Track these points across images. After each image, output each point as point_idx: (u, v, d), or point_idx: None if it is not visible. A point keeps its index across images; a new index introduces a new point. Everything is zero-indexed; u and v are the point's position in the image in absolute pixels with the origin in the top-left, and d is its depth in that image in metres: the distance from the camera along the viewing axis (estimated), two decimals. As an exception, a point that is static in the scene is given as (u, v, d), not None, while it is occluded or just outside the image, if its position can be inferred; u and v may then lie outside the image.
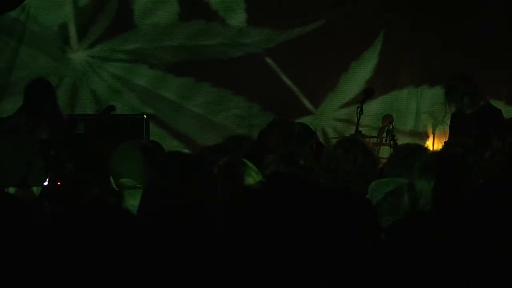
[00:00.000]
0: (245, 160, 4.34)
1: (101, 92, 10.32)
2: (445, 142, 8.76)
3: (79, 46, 10.33)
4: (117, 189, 4.17)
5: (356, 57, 10.26)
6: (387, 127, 9.15)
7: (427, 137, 10.22)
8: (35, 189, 3.90)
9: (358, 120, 8.26)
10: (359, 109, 8.27)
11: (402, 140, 8.76)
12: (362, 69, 10.27)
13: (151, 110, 10.15)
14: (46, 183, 6.45)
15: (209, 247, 2.69)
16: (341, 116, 10.22)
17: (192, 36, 10.32)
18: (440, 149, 5.79)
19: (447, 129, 9.93)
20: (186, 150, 4.47)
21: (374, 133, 9.60)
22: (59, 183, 6.81)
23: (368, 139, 8.67)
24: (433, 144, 9.75)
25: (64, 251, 1.97)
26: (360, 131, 8.42)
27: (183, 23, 10.31)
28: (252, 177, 4.13)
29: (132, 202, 4.04)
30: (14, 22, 10.23)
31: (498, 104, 10.14)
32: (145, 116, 9.46)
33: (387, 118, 9.45)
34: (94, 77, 10.38)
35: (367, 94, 8.54)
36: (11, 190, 3.81)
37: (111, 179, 4.19)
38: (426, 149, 5.31)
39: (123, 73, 10.35)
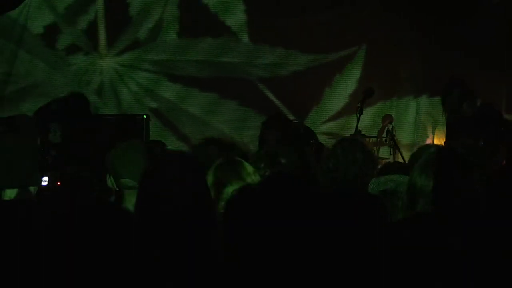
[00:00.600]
0: (241, 160, 4.35)
1: (125, 100, 10.32)
2: (445, 143, 8.76)
3: (107, 52, 10.34)
4: (118, 189, 4.18)
5: (340, 71, 10.28)
6: (387, 127, 9.15)
7: (426, 137, 10.22)
8: (31, 188, 3.90)
9: (358, 120, 8.26)
10: (359, 109, 8.28)
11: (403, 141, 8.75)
12: (345, 82, 10.29)
13: (173, 121, 10.20)
14: (46, 183, 6.46)
15: (208, 247, 2.69)
16: (326, 130, 10.16)
17: (220, 53, 10.31)
18: (442, 147, 5.78)
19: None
20: (184, 149, 4.47)
21: (374, 133, 9.60)
22: (59, 183, 6.81)
23: (368, 139, 8.67)
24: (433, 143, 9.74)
25: (63, 251, 1.97)
26: (360, 131, 8.43)
27: (212, 38, 10.28)
28: (249, 177, 4.14)
29: (133, 202, 4.05)
30: (13, 23, 10.21)
31: (498, 105, 10.19)
32: (144, 116, 9.45)
33: (387, 118, 9.44)
34: (120, 85, 10.38)
35: (367, 94, 8.54)
36: (12, 192, 3.80)
37: (112, 179, 4.19)
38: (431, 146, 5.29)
39: (147, 83, 10.34)
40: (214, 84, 10.30)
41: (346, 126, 9.61)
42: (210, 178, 3.98)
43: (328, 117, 10.23)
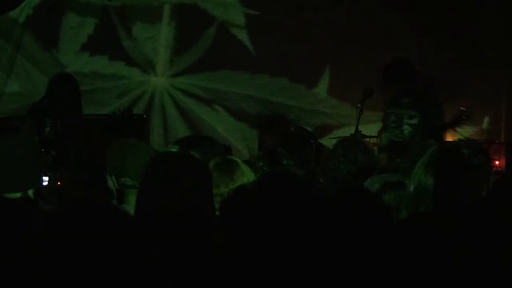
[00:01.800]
0: (238, 160, 4.34)
1: (171, 121, 10.31)
2: (445, 142, 8.74)
3: (163, 72, 10.34)
4: (118, 188, 4.18)
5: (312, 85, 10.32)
6: (387, 127, 9.13)
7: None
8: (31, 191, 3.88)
9: (358, 120, 8.24)
10: (359, 109, 8.26)
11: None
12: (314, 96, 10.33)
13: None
14: (46, 183, 6.45)
15: (206, 248, 2.68)
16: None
17: (276, 92, 10.29)
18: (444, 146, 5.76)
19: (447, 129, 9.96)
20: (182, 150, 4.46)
21: (374, 133, 9.59)
22: (59, 183, 6.81)
23: (368, 139, 8.66)
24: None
25: (62, 252, 1.96)
26: (360, 131, 8.41)
27: (269, 76, 10.25)
28: (246, 177, 4.14)
29: (133, 202, 4.04)
30: (13, 24, 10.17)
31: (498, 104, 10.19)
32: (144, 116, 9.45)
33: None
34: (169, 106, 10.38)
35: (367, 94, 8.53)
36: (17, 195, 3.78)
37: (113, 179, 4.19)
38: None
39: (196, 109, 10.34)
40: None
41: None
42: None
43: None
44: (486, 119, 10.06)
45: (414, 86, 7.74)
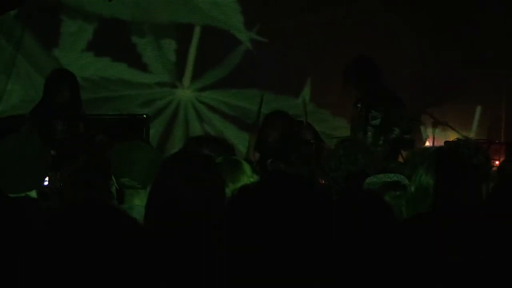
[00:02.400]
0: (240, 160, 4.35)
1: (193, 133, 10.31)
2: (445, 142, 8.73)
3: (190, 85, 10.36)
4: (118, 188, 4.18)
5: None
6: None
7: (427, 137, 10.22)
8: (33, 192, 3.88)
9: (358, 120, 8.23)
10: (359, 109, 8.25)
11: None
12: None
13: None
14: (46, 183, 6.44)
15: (209, 249, 2.68)
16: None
17: (300, 113, 10.24)
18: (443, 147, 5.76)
19: (447, 129, 9.95)
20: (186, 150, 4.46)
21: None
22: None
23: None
24: (433, 144, 9.74)
25: (61, 252, 1.96)
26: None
27: (293, 98, 10.15)
28: (247, 177, 4.14)
29: (133, 201, 4.05)
30: (14, 23, 10.15)
31: (498, 104, 10.19)
32: (145, 116, 9.45)
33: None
34: (193, 120, 10.36)
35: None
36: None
37: (113, 179, 4.19)
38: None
39: (221, 126, 10.32)
40: None
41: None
42: None
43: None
44: (478, 109, 10.11)
45: (377, 86, 7.69)
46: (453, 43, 10.08)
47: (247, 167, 4.24)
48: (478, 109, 10.17)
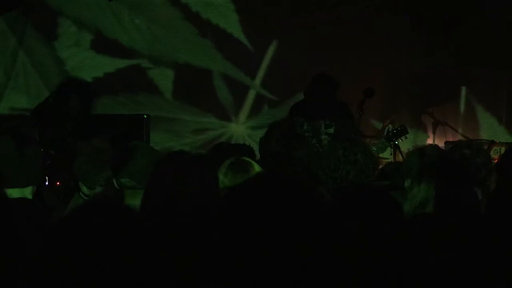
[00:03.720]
0: (250, 160, 4.38)
1: None
2: (445, 142, 8.75)
3: (244, 121, 10.42)
4: (118, 188, 4.18)
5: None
6: (387, 127, 9.14)
7: (427, 137, 10.23)
8: (29, 189, 3.87)
9: (359, 120, 8.25)
10: (359, 109, 8.27)
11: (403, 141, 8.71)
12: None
13: None
14: (46, 183, 6.44)
15: (207, 247, 2.68)
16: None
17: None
18: (444, 150, 5.75)
19: (447, 129, 9.96)
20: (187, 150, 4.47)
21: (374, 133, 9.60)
22: (58, 183, 6.82)
23: (368, 139, 8.66)
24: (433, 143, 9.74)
25: (61, 252, 1.96)
26: (361, 131, 8.41)
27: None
28: None
29: (133, 202, 4.05)
30: (16, 19, 10.14)
31: (498, 105, 10.20)
32: (145, 116, 9.44)
33: (387, 118, 9.43)
34: None
35: (367, 94, 8.53)
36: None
37: (114, 179, 4.20)
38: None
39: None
40: None
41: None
42: (220, 178, 4.01)
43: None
44: (478, 109, 10.12)
45: (331, 94, 7.70)
46: (453, 43, 10.09)
47: (258, 168, 4.28)
48: (478, 109, 10.18)
